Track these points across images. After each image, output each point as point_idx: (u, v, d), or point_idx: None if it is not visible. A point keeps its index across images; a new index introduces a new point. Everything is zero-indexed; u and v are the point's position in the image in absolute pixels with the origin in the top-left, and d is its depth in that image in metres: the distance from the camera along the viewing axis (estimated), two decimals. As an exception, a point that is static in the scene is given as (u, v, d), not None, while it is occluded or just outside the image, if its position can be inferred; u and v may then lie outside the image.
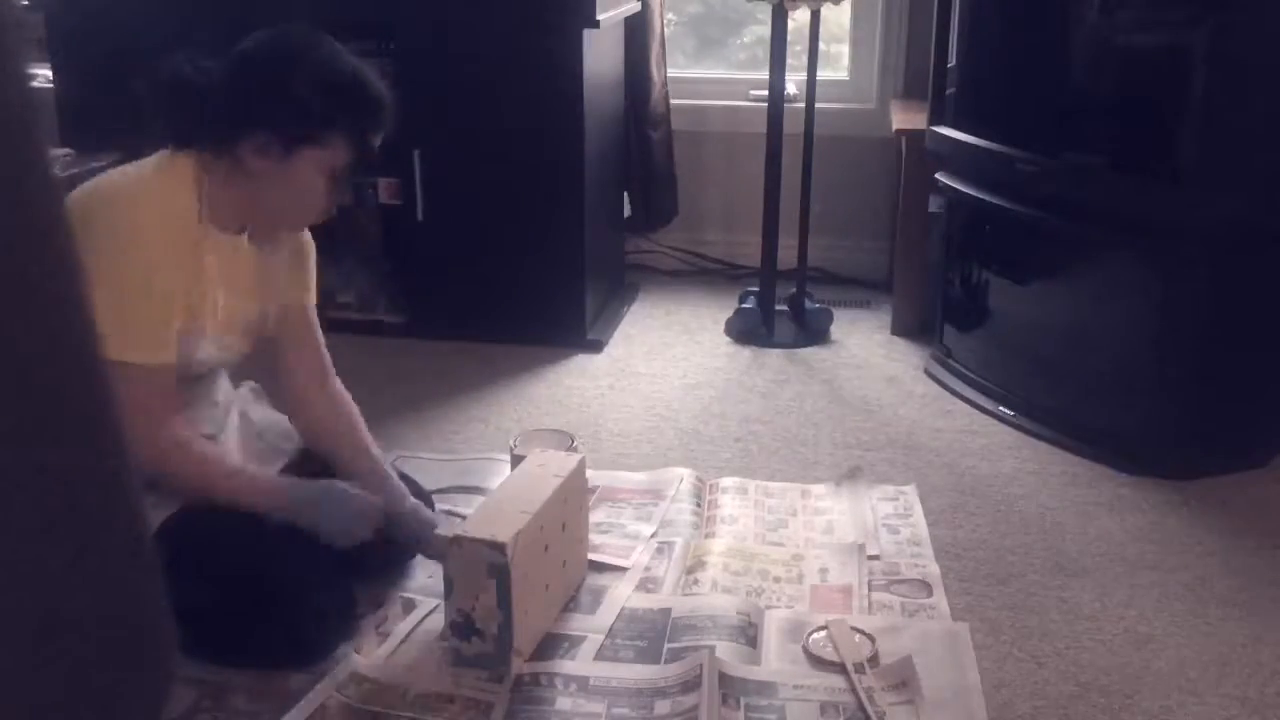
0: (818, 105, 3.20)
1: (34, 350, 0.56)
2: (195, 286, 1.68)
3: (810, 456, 2.49)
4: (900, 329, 3.23)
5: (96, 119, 3.06)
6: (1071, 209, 2.45)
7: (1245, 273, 2.32)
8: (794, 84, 3.39)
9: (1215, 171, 2.21)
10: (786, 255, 3.29)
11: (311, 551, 1.73)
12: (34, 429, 0.56)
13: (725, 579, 1.96)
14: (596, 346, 3.10)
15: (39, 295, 0.57)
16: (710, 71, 3.83)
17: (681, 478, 2.31)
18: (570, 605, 1.89)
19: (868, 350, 3.13)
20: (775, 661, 1.75)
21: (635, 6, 3.29)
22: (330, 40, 1.70)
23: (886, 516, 2.20)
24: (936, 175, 2.88)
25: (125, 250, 1.58)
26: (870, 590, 1.95)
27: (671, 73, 3.56)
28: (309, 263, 1.91)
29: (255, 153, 1.64)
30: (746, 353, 3.11)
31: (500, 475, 1.88)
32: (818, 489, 2.31)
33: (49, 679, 0.58)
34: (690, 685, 1.65)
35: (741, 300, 3.30)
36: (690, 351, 3.11)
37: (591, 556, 2.02)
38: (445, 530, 1.74)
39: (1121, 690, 1.72)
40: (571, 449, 2.14)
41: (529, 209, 3.03)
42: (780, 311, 3.26)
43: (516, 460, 2.04)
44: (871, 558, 2.04)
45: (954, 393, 2.81)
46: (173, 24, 3.04)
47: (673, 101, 3.53)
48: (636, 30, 3.38)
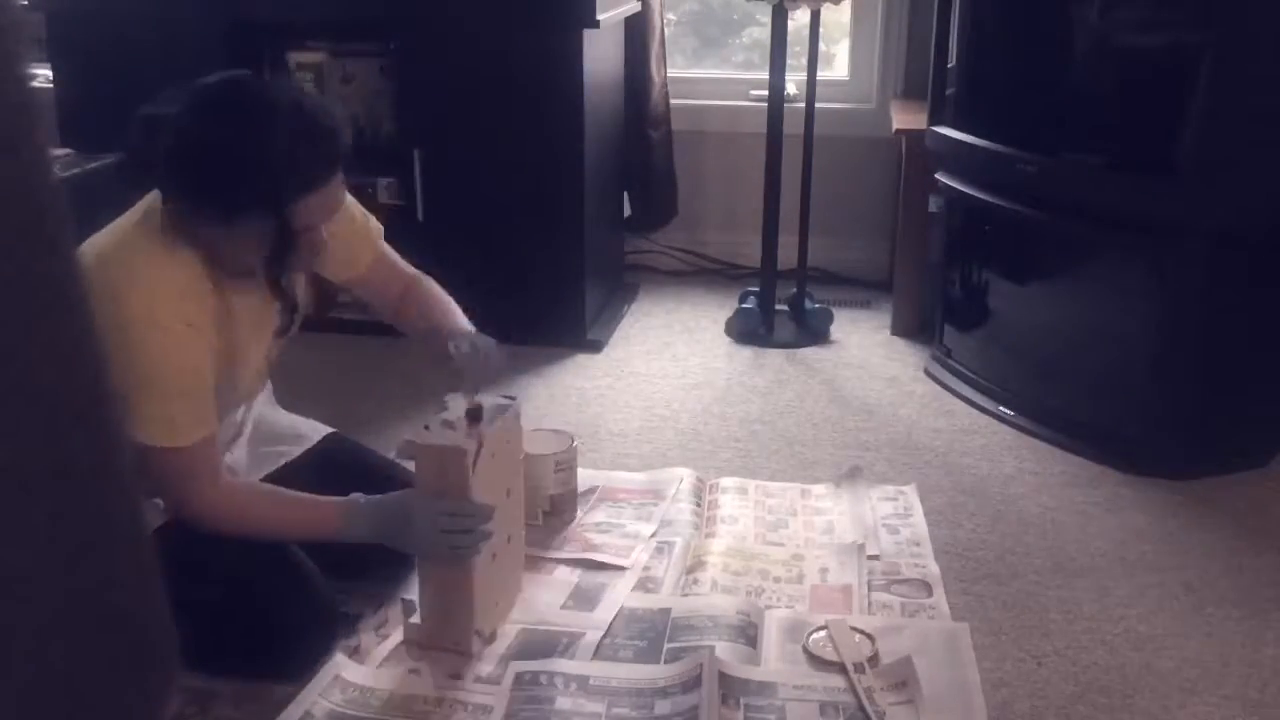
0: (818, 105, 3.20)
1: (35, 350, 0.56)
2: (224, 336, 1.68)
3: (810, 456, 2.49)
4: (900, 329, 3.23)
5: (96, 119, 3.06)
6: (1071, 209, 2.45)
7: (1245, 273, 2.32)
8: (794, 84, 3.39)
9: (1215, 171, 2.21)
10: (786, 255, 3.29)
11: (294, 563, 1.74)
12: (35, 429, 0.56)
13: (725, 579, 1.96)
14: (596, 346, 3.10)
15: (40, 295, 0.57)
16: (710, 71, 3.83)
17: (681, 478, 2.31)
18: (567, 603, 1.89)
19: (868, 350, 3.13)
20: (775, 661, 1.75)
21: (635, 6, 3.29)
22: (274, 96, 1.60)
23: (886, 516, 2.20)
24: (936, 175, 2.88)
25: (144, 341, 1.57)
26: (870, 590, 1.95)
27: (671, 73, 3.56)
28: (352, 223, 1.89)
29: (200, 220, 1.62)
30: (746, 353, 3.11)
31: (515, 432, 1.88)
32: (818, 489, 2.32)
33: (49, 679, 0.58)
34: (690, 685, 1.65)
35: (741, 300, 3.30)
36: (690, 351, 3.11)
37: (592, 556, 2.02)
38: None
39: (1121, 690, 1.72)
40: (571, 449, 2.15)
41: (529, 209, 3.03)
42: (780, 311, 3.26)
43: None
44: (871, 558, 2.04)
45: (954, 393, 2.81)
46: (172, 24, 3.05)
47: (673, 101, 3.53)
48: (636, 30, 3.38)
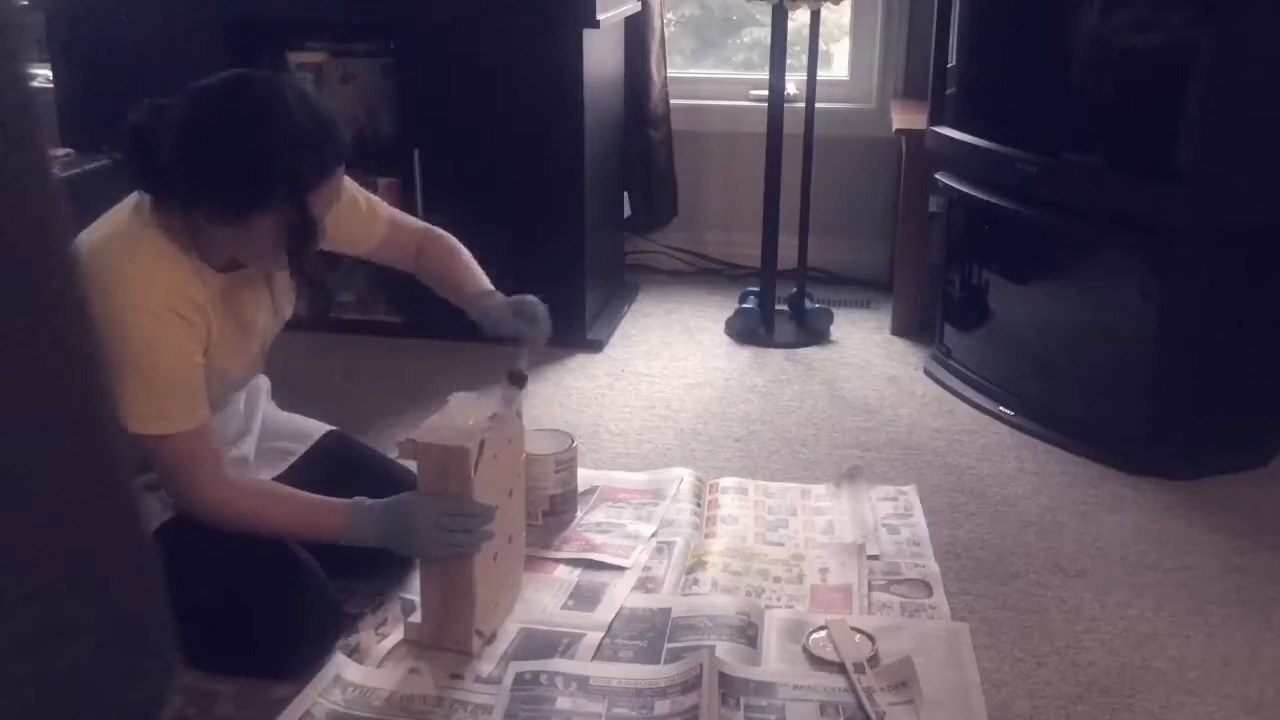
0: (818, 105, 3.20)
1: (35, 350, 0.56)
2: (212, 327, 1.68)
3: (810, 456, 2.49)
4: (900, 329, 3.23)
5: (96, 119, 3.06)
6: (1071, 209, 2.45)
7: (1245, 273, 2.32)
8: (794, 84, 3.39)
9: (1215, 171, 2.21)
10: (786, 255, 3.29)
11: (296, 562, 1.74)
12: (35, 429, 0.56)
13: (725, 579, 1.96)
14: (596, 346, 3.10)
15: (40, 295, 0.57)
16: (710, 71, 3.83)
17: (681, 478, 2.31)
18: (567, 603, 1.89)
19: (868, 350, 3.13)
20: (775, 661, 1.75)
21: (635, 6, 3.29)
22: (279, 92, 1.62)
23: (886, 516, 2.20)
24: (936, 175, 2.88)
25: (134, 330, 1.58)
26: (870, 590, 1.95)
27: (671, 73, 3.56)
28: (354, 207, 1.92)
29: (206, 219, 1.63)
30: (746, 353, 3.11)
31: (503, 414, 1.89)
32: (818, 489, 2.32)
33: (49, 679, 0.58)
34: (690, 685, 1.65)
35: (741, 300, 3.30)
36: (690, 351, 3.11)
37: (591, 556, 2.02)
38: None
39: (1121, 690, 1.72)
40: (571, 449, 2.15)
41: (529, 209, 3.03)
42: (780, 311, 3.26)
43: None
44: (871, 558, 2.04)
45: (954, 393, 2.81)
46: (172, 24, 3.05)
47: (673, 101, 3.53)
48: (636, 30, 3.38)
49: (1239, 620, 1.90)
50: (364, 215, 1.95)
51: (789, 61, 3.19)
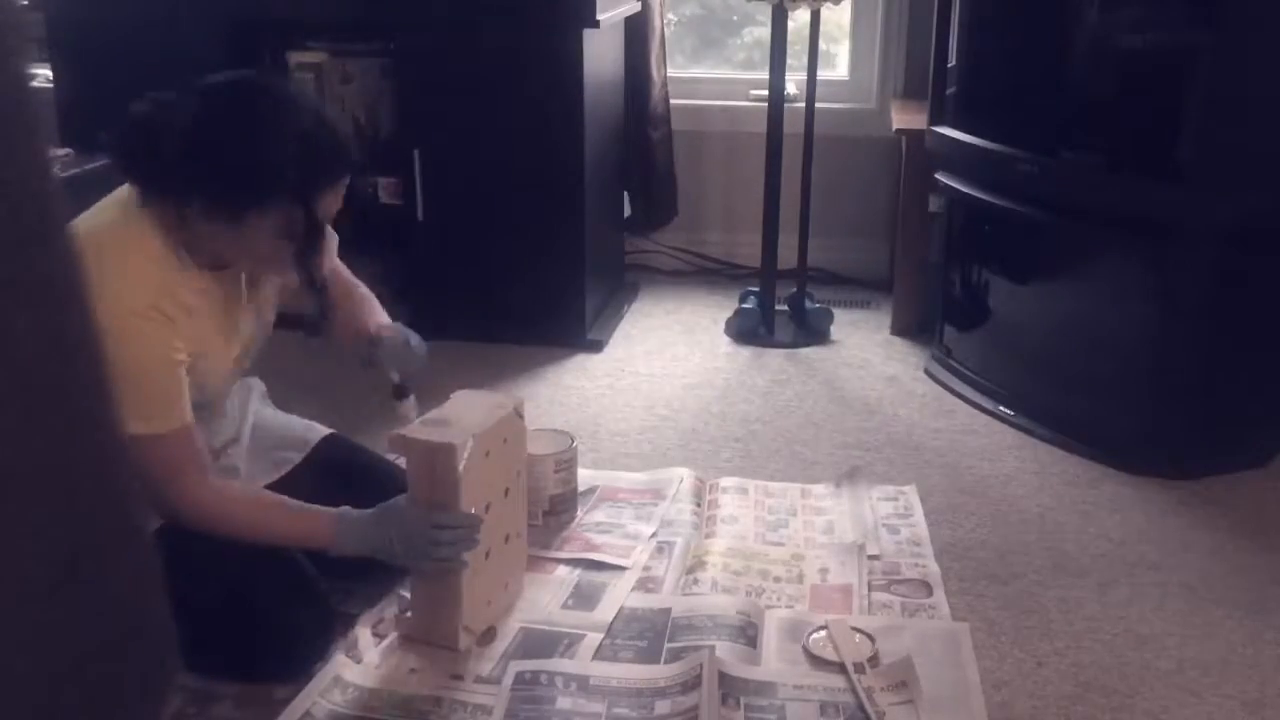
0: (818, 105, 3.20)
1: (35, 350, 0.56)
2: (194, 331, 1.66)
3: (810, 456, 2.49)
4: (900, 329, 3.23)
5: (96, 119, 3.06)
6: (1071, 209, 2.45)
7: (1245, 273, 2.32)
8: (794, 84, 3.39)
9: (1215, 171, 2.21)
10: (786, 255, 3.29)
11: (293, 564, 1.73)
12: (35, 429, 0.56)
13: (725, 579, 1.96)
14: (596, 346, 3.10)
15: (40, 295, 0.57)
16: (710, 71, 3.82)
17: (681, 478, 2.31)
18: (567, 603, 1.89)
19: (868, 350, 3.13)
20: (775, 661, 1.75)
21: (635, 6, 3.29)
22: (288, 95, 1.65)
23: (886, 516, 2.20)
24: (936, 175, 2.88)
25: (115, 330, 1.52)
26: (870, 590, 1.95)
27: (671, 73, 3.55)
28: None
29: (202, 215, 1.62)
30: (746, 353, 3.11)
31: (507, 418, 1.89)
32: (818, 489, 2.31)
33: (50, 680, 0.58)
34: (690, 685, 1.65)
35: (741, 300, 3.30)
36: (690, 351, 3.11)
37: (591, 556, 2.02)
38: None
39: (1121, 690, 1.72)
40: (571, 449, 2.15)
41: (529, 209, 3.03)
42: (780, 311, 3.26)
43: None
44: (871, 558, 2.04)
45: (954, 393, 2.81)
46: (172, 24, 3.05)
47: (673, 101, 3.53)
48: (636, 30, 3.38)
49: (1239, 620, 1.90)
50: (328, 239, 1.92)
51: (789, 61, 3.19)
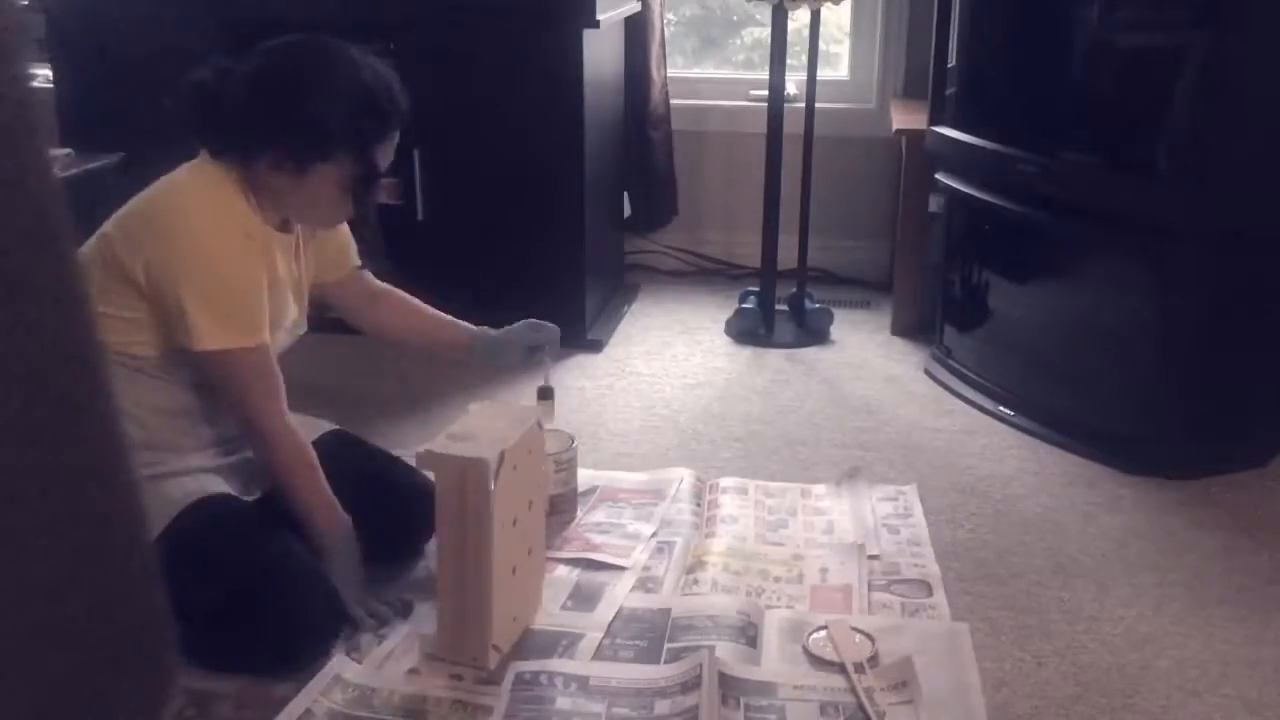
0: (818, 105, 3.20)
1: (36, 351, 0.56)
2: (267, 279, 1.76)
3: (810, 456, 2.49)
4: (900, 329, 3.23)
5: (96, 119, 3.07)
6: (1071, 209, 2.45)
7: (1244, 273, 2.32)
8: (794, 84, 3.39)
9: (1215, 171, 2.21)
10: (786, 255, 3.29)
11: (298, 561, 1.74)
12: (35, 429, 0.56)
13: (725, 579, 1.96)
14: (596, 346, 3.10)
15: (41, 296, 0.57)
16: (710, 71, 3.83)
17: (681, 478, 2.31)
18: (567, 603, 1.89)
19: (868, 350, 3.13)
20: (775, 661, 1.75)
21: (635, 6, 3.30)
22: (344, 51, 1.76)
23: (886, 516, 2.20)
24: (936, 175, 2.88)
25: (204, 248, 1.67)
26: (870, 590, 1.95)
27: (671, 73, 3.56)
28: (334, 238, 1.99)
29: (269, 169, 1.72)
30: (746, 353, 3.11)
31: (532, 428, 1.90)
32: (818, 489, 2.31)
33: (49, 679, 0.58)
34: (690, 685, 1.65)
35: (741, 300, 3.30)
36: (690, 351, 3.11)
37: (591, 556, 2.02)
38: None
39: (1121, 690, 1.72)
40: (571, 449, 2.15)
41: (529, 209, 3.03)
42: (780, 311, 3.26)
43: None
44: (871, 558, 2.04)
45: (954, 393, 2.81)
46: (173, 24, 3.05)
47: (673, 101, 3.53)
48: (636, 30, 3.38)
49: (1239, 620, 1.90)
50: (344, 244, 2.02)
51: (789, 61, 3.19)
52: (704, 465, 2.42)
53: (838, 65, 3.74)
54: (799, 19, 3.21)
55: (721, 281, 3.68)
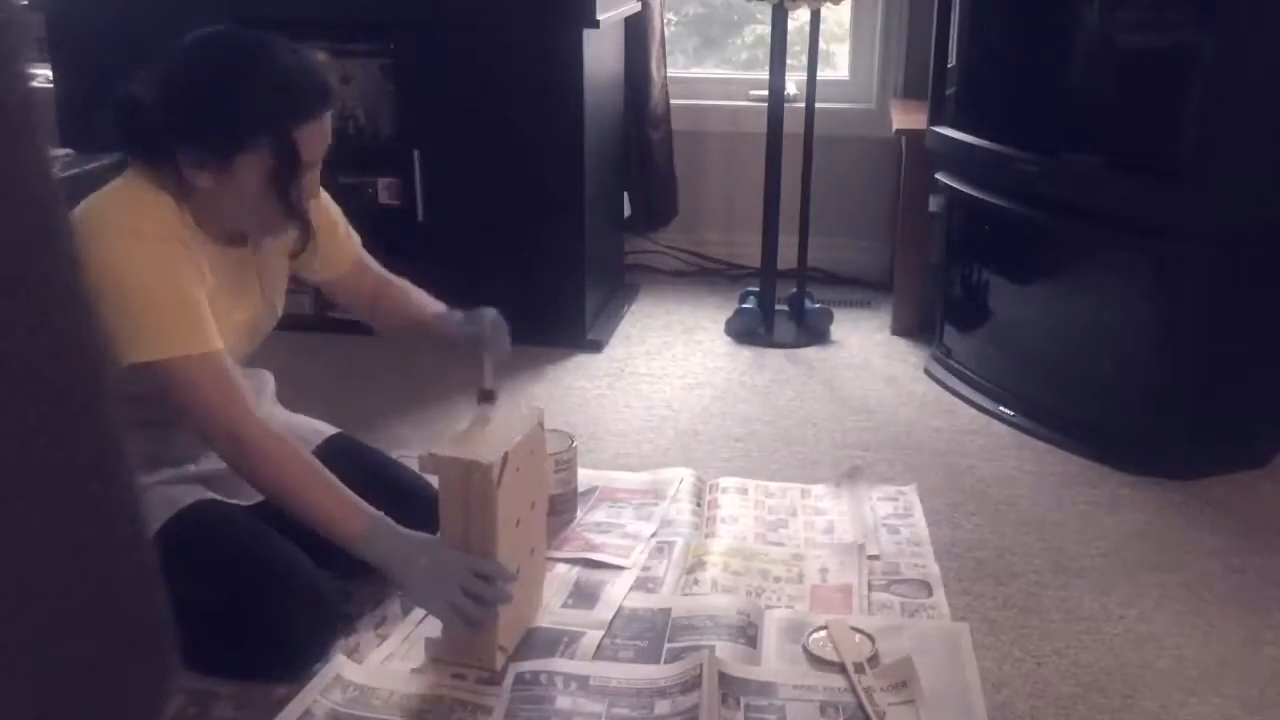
0: (818, 105, 3.20)
1: (36, 350, 0.56)
2: (204, 289, 1.67)
3: (810, 456, 2.49)
4: (900, 329, 3.23)
5: (96, 119, 3.06)
6: (1071, 209, 2.45)
7: (1245, 272, 2.32)
8: (794, 84, 3.39)
9: (1215, 171, 2.21)
10: (786, 255, 3.29)
11: (292, 563, 1.72)
12: (36, 428, 0.56)
13: (725, 579, 1.96)
14: (596, 346, 3.10)
15: (41, 295, 0.57)
16: (710, 71, 3.83)
17: (681, 478, 2.31)
18: (568, 601, 1.89)
19: (868, 350, 3.13)
20: (775, 661, 1.75)
21: (635, 6, 3.30)
22: (262, 39, 1.67)
23: (886, 516, 2.20)
24: (936, 175, 2.88)
25: (137, 259, 1.58)
26: (870, 590, 1.95)
27: (671, 73, 3.56)
28: (334, 229, 1.95)
29: (193, 169, 1.63)
30: (746, 353, 3.11)
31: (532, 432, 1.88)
32: (818, 489, 2.31)
33: (49, 678, 0.58)
34: (690, 685, 1.65)
35: (741, 300, 3.30)
36: (690, 351, 3.11)
37: (591, 556, 2.02)
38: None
39: (1121, 690, 1.72)
40: (571, 449, 2.15)
41: (529, 209, 3.03)
42: (780, 311, 3.26)
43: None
44: (871, 558, 2.04)
45: (954, 393, 2.81)
46: (172, 24, 3.05)
47: (673, 101, 3.53)
48: (636, 30, 3.38)
49: (1239, 620, 1.90)
50: (340, 239, 1.97)
51: (789, 61, 3.19)
52: (704, 465, 2.42)
53: (838, 65, 3.74)
54: (799, 19, 3.21)
55: (721, 281, 3.68)
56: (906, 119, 3.13)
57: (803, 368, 3.01)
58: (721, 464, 2.45)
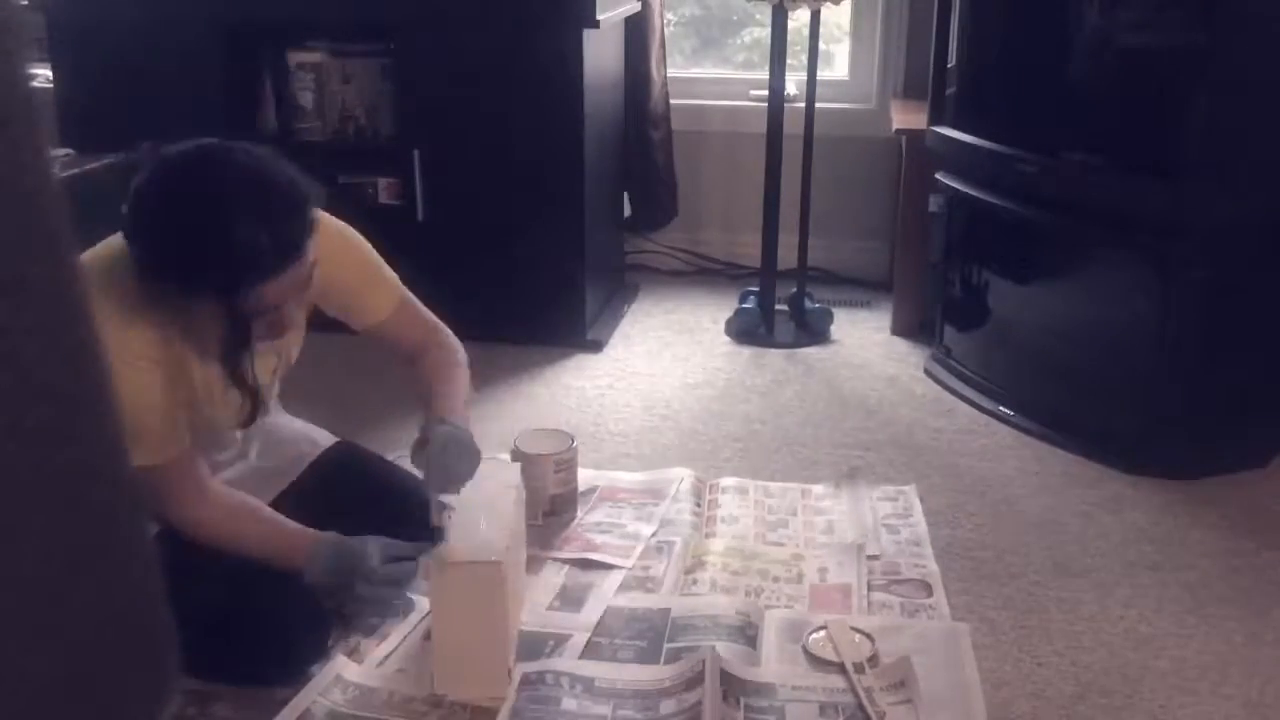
0: (818, 105, 3.20)
1: (35, 350, 0.56)
2: (195, 375, 1.66)
3: (810, 456, 2.49)
4: (900, 329, 3.23)
5: (96, 119, 3.07)
6: (1071, 209, 2.45)
7: (1245, 272, 2.32)
8: (794, 84, 3.39)
9: (1215, 171, 2.21)
10: (786, 255, 3.29)
11: (282, 571, 1.72)
12: (35, 429, 0.56)
13: (724, 579, 1.96)
14: (596, 346, 3.10)
15: (40, 295, 0.57)
16: (710, 71, 3.83)
17: (681, 478, 2.31)
18: (554, 604, 1.89)
19: (868, 350, 3.13)
20: (775, 661, 1.75)
21: (635, 6, 3.29)
22: (230, 182, 1.53)
23: (886, 516, 2.20)
24: (936, 175, 2.88)
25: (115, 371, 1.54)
26: (870, 590, 1.95)
27: (671, 73, 3.55)
28: (363, 274, 1.86)
29: (161, 290, 1.57)
30: (746, 353, 3.11)
31: (501, 474, 1.88)
32: (818, 489, 2.31)
33: (50, 678, 0.58)
34: (693, 682, 1.65)
35: (741, 300, 3.30)
36: (690, 351, 3.11)
37: (592, 556, 2.02)
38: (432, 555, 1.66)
39: (1121, 690, 1.72)
40: (571, 449, 2.15)
41: (529, 209, 3.03)
42: (780, 311, 3.26)
43: (518, 457, 2.06)
44: (871, 558, 2.04)
45: (954, 393, 2.81)
46: (172, 24, 3.05)
47: (673, 101, 3.53)
48: (636, 30, 3.38)
49: (1239, 620, 1.90)
50: (372, 278, 1.87)
51: (789, 61, 3.19)
52: (704, 465, 2.42)
53: (838, 65, 3.73)
54: (799, 19, 3.21)
55: (721, 281, 3.68)
56: (906, 119, 3.13)
57: (803, 368, 3.01)
58: (721, 464, 2.45)
